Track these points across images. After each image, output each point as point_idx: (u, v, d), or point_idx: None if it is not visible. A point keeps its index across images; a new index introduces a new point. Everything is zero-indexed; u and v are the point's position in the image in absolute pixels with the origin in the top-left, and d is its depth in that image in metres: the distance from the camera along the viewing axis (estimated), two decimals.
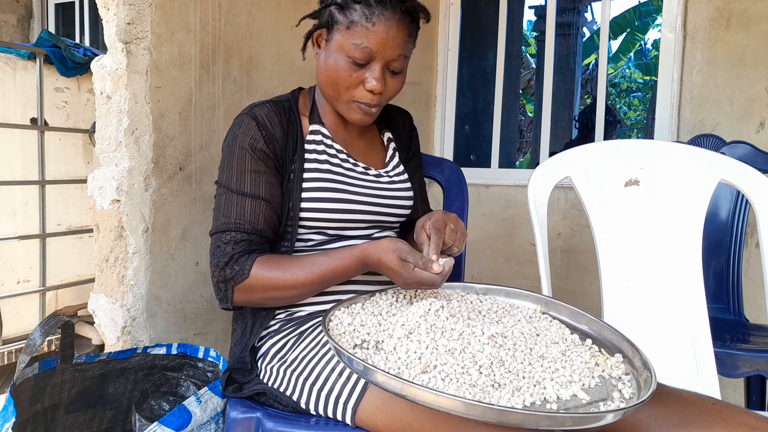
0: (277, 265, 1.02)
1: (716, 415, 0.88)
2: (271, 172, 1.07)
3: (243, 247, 1.03)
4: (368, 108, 1.07)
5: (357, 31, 0.99)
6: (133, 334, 1.44)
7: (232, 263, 1.02)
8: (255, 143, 1.05)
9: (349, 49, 1.01)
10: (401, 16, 1.01)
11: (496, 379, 0.79)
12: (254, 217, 1.05)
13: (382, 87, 1.04)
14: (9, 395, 1.08)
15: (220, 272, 1.03)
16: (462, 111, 3.02)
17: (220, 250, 1.03)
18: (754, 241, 2.03)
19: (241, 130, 1.06)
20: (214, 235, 1.06)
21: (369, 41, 1.00)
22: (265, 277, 1.01)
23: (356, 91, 1.05)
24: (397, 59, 1.04)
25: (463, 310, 0.98)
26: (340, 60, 1.03)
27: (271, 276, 1.01)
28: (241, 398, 1.08)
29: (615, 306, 1.30)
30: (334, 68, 1.04)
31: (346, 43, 1.01)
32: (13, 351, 2.20)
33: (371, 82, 1.03)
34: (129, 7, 1.39)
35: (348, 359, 0.80)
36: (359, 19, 0.99)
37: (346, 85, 1.04)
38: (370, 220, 1.15)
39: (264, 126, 1.06)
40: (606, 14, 2.54)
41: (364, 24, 0.99)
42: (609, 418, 0.71)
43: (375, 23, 0.99)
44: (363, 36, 0.99)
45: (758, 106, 2.10)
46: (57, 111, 2.38)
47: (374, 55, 1.01)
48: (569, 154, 1.40)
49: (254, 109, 1.08)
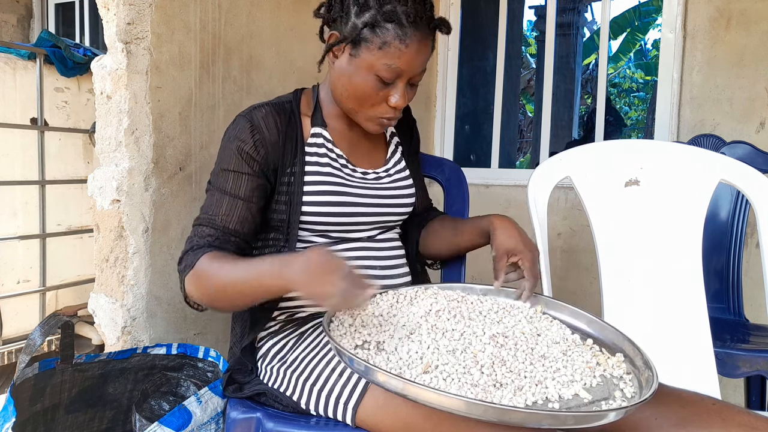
0: (220, 262, 0.98)
1: (716, 414, 0.88)
2: (254, 174, 1.06)
3: (207, 241, 1.03)
4: (389, 122, 1.08)
5: (390, 51, 0.97)
6: (133, 334, 1.44)
7: (189, 253, 1.02)
8: (243, 146, 1.05)
9: (380, 69, 0.99)
10: (429, 32, 1.00)
11: (498, 379, 0.79)
12: (228, 216, 1.05)
13: (405, 103, 1.04)
14: (9, 395, 1.08)
15: (183, 260, 1.03)
16: (462, 111, 3.02)
17: (190, 242, 1.04)
18: (754, 241, 2.03)
19: (234, 131, 1.07)
20: (194, 226, 1.07)
21: (401, 62, 0.98)
22: (205, 270, 0.97)
23: (380, 108, 1.05)
24: (420, 74, 1.04)
25: (464, 311, 0.98)
26: (369, 79, 1.01)
27: (208, 270, 0.97)
28: (242, 398, 1.08)
29: (615, 306, 1.29)
30: (361, 86, 1.02)
31: (377, 63, 0.99)
32: (13, 351, 2.20)
33: (396, 99, 1.03)
34: (129, 7, 1.39)
35: (349, 359, 0.80)
36: (393, 41, 0.97)
37: (371, 102, 1.04)
38: (373, 222, 1.15)
39: (258, 129, 1.06)
40: (606, 14, 2.54)
41: (398, 45, 0.97)
42: (611, 416, 0.71)
43: (408, 44, 0.97)
44: (396, 57, 0.98)
45: (758, 106, 2.10)
46: (57, 111, 2.37)
47: (402, 74, 1.01)
48: (569, 154, 1.40)
49: (253, 112, 1.08)
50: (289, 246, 1.10)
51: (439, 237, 1.26)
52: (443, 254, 1.30)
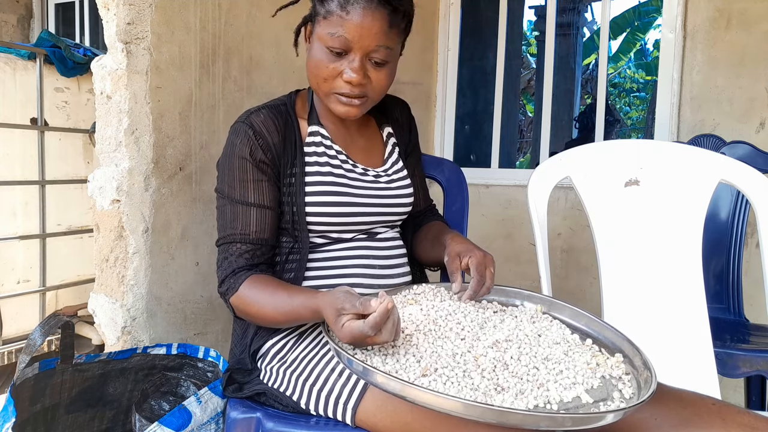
0: (260, 290, 1.03)
1: (716, 415, 0.88)
2: (271, 180, 1.08)
3: (246, 259, 1.06)
4: (349, 99, 1.05)
5: (332, 20, 1.00)
6: (133, 334, 1.44)
7: (229, 278, 1.06)
8: (254, 152, 1.06)
9: (326, 39, 1.01)
10: (378, 4, 1.00)
11: (499, 383, 0.79)
12: (260, 228, 1.07)
13: (360, 78, 1.02)
14: (9, 395, 1.08)
15: (220, 285, 1.07)
16: (462, 111, 3.02)
17: (226, 263, 1.07)
18: (754, 241, 2.03)
19: (239, 140, 1.07)
20: (221, 246, 1.09)
21: (344, 29, 0.99)
22: (247, 300, 1.04)
23: (335, 83, 1.04)
24: (377, 50, 1.02)
25: (465, 312, 0.97)
26: (320, 51, 1.03)
27: (250, 301, 1.03)
28: (241, 398, 1.08)
29: (615, 306, 1.29)
30: (314, 59, 1.05)
31: (323, 33, 1.02)
32: (13, 351, 2.20)
33: (348, 73, 1.02)
34: (129, 7, 1.39)
35: (348, 360, 0.80)
36: (335, 9, 1.00)
37: (324, 76, 1.04)
38: (373, 221, 1.15)
39: (261, 134, 1.06)
40: (606, 14, 2.54)
41: (339, 13, 0.99)
42: (609, 418, 0.71)
43: (349, 11, 0.99)
44: (338, 24, 1.00)
45: (758, 106, 2.10)
46: (57, 111, 2.38)
47: (350, 45, 1.01)
48: (569, 154, 1.40)
49: (250, 117, 1.08)
50: (301, 247, 1.10)
51: (422, 246, 1.25)
52: (426, 263, 1.27)
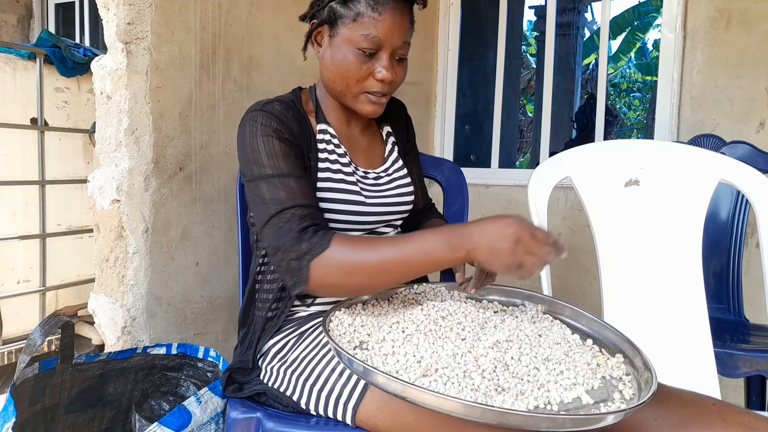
0: (366, 243, 0.92)
1: (716, 415, 0.88)
2: (298, 157, 1.04)
3: (309, 220, 0.96)
4: (379, 98, 1.08)
5: (364, 22, 1.01)
6: (133, 334, 1.44)
7: (307, 236, 0.93)
8: (279, 130, 1.03)
9: (358, 41, 1.02)
10: (403, 2, 1.04)
11: (500, 383, 0.79)
12: (304, 193, 0.99)
13: (392, 75, 1.05)
14: (9, 395, 1.08)
15: (292, 247, 0.93)
16: (462, 111, 3.02)
17: (284, 230, 0.95)
18: (754, 241, 2.03)
19: (260, 122, 1.03)
20: (271, 219, 0.97)
21: (377, 30, 1.01)
22: (350, 252, 0.91)
23: (367, 83, 1.06)
24: (402, 46, 1.06)
25: (466, 313, 0.97)
26: (349, 53, 1.04)
27: (355, 252, 0.91)
28: (241, 398, 1.08)
29: (615, 306, 1.29)
30: (342, 62, 1.04)
31: (354, 36, 1.02)
32: (13, 351, 2.20)
33: (381, 72, 1.04)
34: (129, 7, 1.39)
35: (348, 360, 0.80)
36: (365, 10, 1.01)
37: (356, 77, 1.05)
38: (373, 221, 1.15)
39: (281, 120, 1.05)
40: (606, 14, 2.54)
41: (371, 14, 1.01)
42: (609, 419, 0.71)
43: (381, 12, 1.01)
44: (371, 26, 1.01)
45: (758, 106, 2.09)
46: (57, 111, 2.38)
47: (382, 44, 1.03)
48: (569, 154, 1.40)
49: (266, 106, 1.07)
50: None
51: None
52: None
